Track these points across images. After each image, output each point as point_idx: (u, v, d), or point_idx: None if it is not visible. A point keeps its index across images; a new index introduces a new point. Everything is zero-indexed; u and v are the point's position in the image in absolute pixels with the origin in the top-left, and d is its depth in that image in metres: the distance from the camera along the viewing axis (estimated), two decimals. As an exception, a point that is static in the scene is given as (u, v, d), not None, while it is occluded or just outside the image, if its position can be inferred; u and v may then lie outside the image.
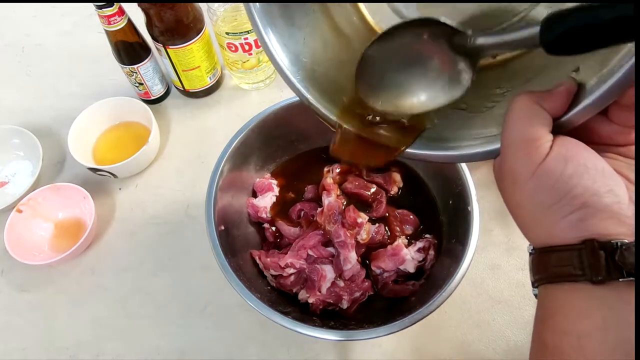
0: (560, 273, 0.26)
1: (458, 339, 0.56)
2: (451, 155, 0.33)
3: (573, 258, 0.25)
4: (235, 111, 0.76)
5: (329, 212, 0.55)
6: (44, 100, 0.79)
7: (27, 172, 0.71)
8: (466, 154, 0.32)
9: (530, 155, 0.26)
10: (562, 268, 0.26)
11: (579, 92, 0.26)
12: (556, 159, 0.26)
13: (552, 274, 0.27)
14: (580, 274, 0.25)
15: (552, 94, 0.26)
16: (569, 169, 0.25)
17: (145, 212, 0.67)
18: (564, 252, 0.26)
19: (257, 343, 0.57)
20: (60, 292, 0.62)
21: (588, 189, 0.25)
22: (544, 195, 0.26)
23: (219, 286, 0.60)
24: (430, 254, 0.55)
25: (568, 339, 0.25)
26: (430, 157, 0.34)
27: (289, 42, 0.37)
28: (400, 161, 0.62)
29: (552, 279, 0.27)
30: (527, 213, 0.28)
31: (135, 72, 0.69)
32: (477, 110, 0.33)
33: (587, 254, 0.25)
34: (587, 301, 0.25)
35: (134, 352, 0.58)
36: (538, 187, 0.26)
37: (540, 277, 0.28)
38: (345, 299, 0.52)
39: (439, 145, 0.34)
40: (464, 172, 0.52)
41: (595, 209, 0.25)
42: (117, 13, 0.61)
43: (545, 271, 0.27)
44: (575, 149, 0.26)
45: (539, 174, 0.26)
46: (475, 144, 0.31)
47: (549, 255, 0.27)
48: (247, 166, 0.60)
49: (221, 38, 0.68)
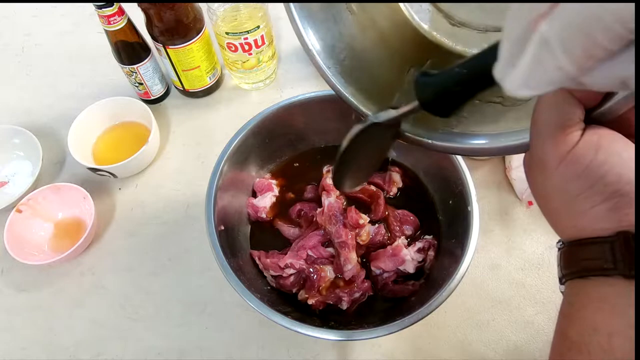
0: (591, 267, 0.24)
1: (458, 339, 0.56)
2: (482, 148, 0.33)
3: (605, 251, 0.24)
4: (235, 111, 0.76)
5: (330, 212, 0.55)
6: (44, 100, 0.79)
7: (27, 172, 0.71)
8: (498, 147, 0.31)
9: (559, 143, 0.25)
10: (593, 262, 0.24)
11: None
12: (586, 146, 0.24)
13: (582, 268, 0.25)
14: (612, 268, 0.23)
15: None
16: (601, 156, 0.24)
17: (145, 212, 0.67)
18: (595, 244, 0.24)
19: (257, 343, 0.57)
20: (60, 292, 0.62)
21: (622, 177, 0.23)
22: (572, 183, 0.25)
23: (219, 286, 0.60)
24: (430, 254, 0.55)
25: (597, 337, 0.24)
26: (460, 150, 0.35)
27: (325, 36, 0.39)
28: (400, 162, 0.62)
29: (582, 273, 0.25)
30: (556, 204, 0.26)
31: (135, 72, 0.69)
32: (512, 103, 0.33)
33: (619, 247, 0.23)
34: (619, 297, 0.23)
35: (134, 352, 0.58)
36: (567, 174, 0.25)
37: (569, 271, 0.26)
38: (345, 300, 0.52)
39: (470, 138, 0.34)
40: (464, 172, 0.52)
41: (630, 198, 0.23)
42: (117, 13, 0.61)
43: (574, 265, 0.26)
44: (609, 137, 0.24)
45: (568, 161, 0.24)
46: (508, 137, 0.31)
47: (579, 249, 0.25)
48: (247, 166, 0.60)
49: (221, 38, 0.68)
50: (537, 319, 0.56)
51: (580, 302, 0.25)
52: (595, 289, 0.25)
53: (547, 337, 0.55)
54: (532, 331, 0.56)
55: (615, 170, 0.23)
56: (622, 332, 0.23)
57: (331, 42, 0.39)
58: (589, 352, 0.24)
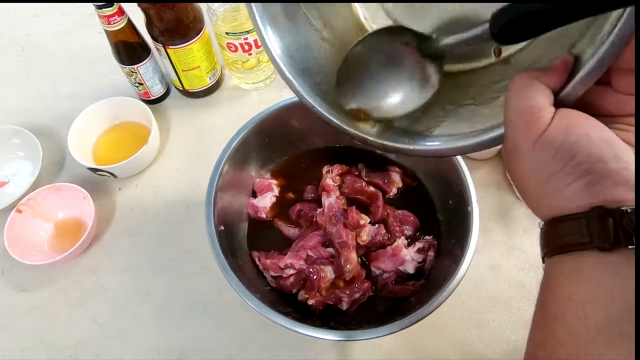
0: (569, 242, 0.25)
1: (458, 339, 0.56)
2: (459, 146, 0.33)
3: (581, 226, 0.25)
4: (235, 111, 0.76)
5: (330, 212, 0.55)
6: (44, 100, 0.79)
7: (27, 172, 0.71)
8: (474, 142, 0.32)
9: (531, 127, 0.26)
10: (570, 237, 0.25)
11: (577, 65, 0.26)
12: (557, 129, 0.25)
13: (561, 244, 0.26)
14: (588, 242, 0.24)
15: (549, 68, 0.26)
16: (571, 138, 0.25)
17: (145, 212, 0.67)
18: (571, 221, 0.25)
19: (257, 343, 0.57)
20: (60, 292, 0.62)
21: (592, 155, 0.24)
22: (546, 165, 0.26)
23: (219, 286, 0.60)
24: (430, 254, 0.55)
25: (572, 306, 0.25)
26: (439, 152, 0.35)
27: (290, 43, 0.38)
28: (399, 162, 0.62)
29: (560, 249, 0.26)
30: (532, 186, 0.27)
31: (135, 72, 0.69)
32: (484, 102, 0.34)
33: (594, 221, 0.24)
34: (594, 268, 0.24)
35: (134, 352, 0.58)
36: (540, 157, 0.26)
37: (549, 249, 0.27)
38: (345, 300, 0.52)
39: (448, 140, 0.34)
40: (464, 172, 0.52)
41: (601, 175, 0.24)
42: (117, 13, 0.61)
43: (553, 243, 0.27)
44: (578, 119, 0.25)
45: (540, 145, 0.26)
46: (483, 133, 0.31)
47: (557, 226, 0.26)
48: (247, 166, 0.61)
49: (221, 38, 0.68)
50: (537, 319, 0.56)
51: (558, 275, 0.27)
52: (572, 262, 0.26)
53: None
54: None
55: (585, 150, 0.24)
56: (596, 301, 0.24)
57: (306, 66, 0.38)
58: (564, 320, 0.25)
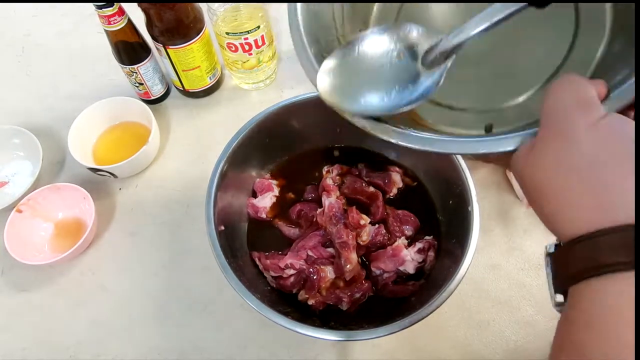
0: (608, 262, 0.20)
1: (458, 339, 0.56)
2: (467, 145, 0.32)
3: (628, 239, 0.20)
4: (235, 111, 0.76)
5: (330, 212, 0.55)
6: (44, 100, 0.79)
7: (27, 172, 0.71)
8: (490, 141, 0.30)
9: (587, 111, 0.23)
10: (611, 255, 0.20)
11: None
12: (619, 118, 0.23)
13: (600, 263, 0.21)
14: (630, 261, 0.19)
15: (594, 79, 0.25)
16: (630, 129, 0.22)
17: (146, 212, 0.67)
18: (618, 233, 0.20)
19: (257, 343, 0.57)
20: (60, 292, 0.62)
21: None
22: (606, 147, 0.22)
23: (219, 286, 0.60)
24: (430, 255, 0.55)
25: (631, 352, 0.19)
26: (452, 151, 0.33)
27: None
28: (399, 162, 0.63)
29: (601, 269, 0.21)
30: (574, 183, 0.23)
31: (135, 72, 0.69)
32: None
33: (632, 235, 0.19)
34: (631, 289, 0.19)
35: (134, 352, 0.58)
36: (599, 138, 0.22)
37: (579, 269, 0.22)
38: (345, 300, 0.52)
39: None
40: (464, 172, 0.52)
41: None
42: (117, 13, 0.61)
43: (590, 260, 0.21)
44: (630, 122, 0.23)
45: (601, 126, 0.22)
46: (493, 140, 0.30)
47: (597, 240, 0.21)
48: (247, 166, 0.61)
49: (221, 38, 0.68)
50: (537, 319, 0.56)
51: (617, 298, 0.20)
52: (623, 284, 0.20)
53: (547, 337, 0.55)
54: (532, 331, 0.56)
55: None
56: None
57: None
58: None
